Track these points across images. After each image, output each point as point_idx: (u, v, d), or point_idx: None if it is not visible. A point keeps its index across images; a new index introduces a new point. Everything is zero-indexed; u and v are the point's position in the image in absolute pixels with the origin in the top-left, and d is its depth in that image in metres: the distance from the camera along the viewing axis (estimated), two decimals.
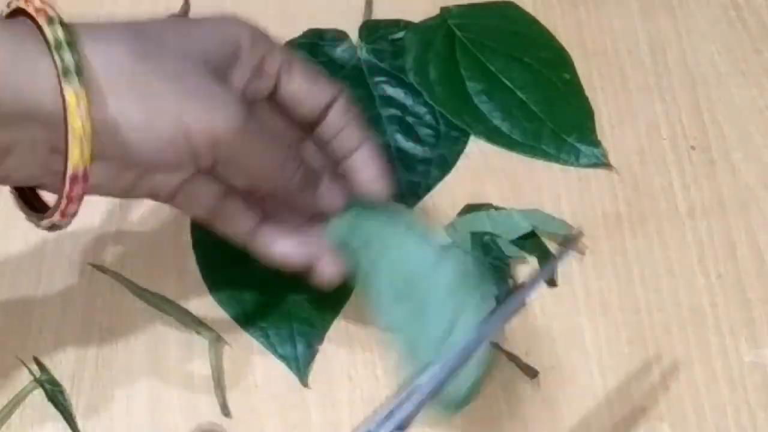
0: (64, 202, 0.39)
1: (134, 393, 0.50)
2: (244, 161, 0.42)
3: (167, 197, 0.44)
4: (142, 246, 0.55)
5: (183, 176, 0.43)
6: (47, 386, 0.49)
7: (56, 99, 0.37)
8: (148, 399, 0.50)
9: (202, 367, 0.51)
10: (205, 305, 0.53)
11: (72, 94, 0.36)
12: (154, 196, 0.44)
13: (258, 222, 0.46)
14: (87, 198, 0.57)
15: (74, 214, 0.40)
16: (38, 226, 0.42)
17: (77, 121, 0.36)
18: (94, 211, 0.56)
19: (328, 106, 0.46)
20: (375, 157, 0.48)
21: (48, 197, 0.43)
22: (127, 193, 0.43)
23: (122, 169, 0.41)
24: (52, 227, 0.41)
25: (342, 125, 0.47)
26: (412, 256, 0.44)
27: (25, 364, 0.50)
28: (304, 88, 0.45)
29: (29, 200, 0.43)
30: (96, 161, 0.38)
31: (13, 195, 0.43)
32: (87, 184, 0.39)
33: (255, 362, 0.51)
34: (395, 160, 0.59)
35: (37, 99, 0.36)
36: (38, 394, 0.49)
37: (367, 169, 0.47)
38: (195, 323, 0.51)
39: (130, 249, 0.55)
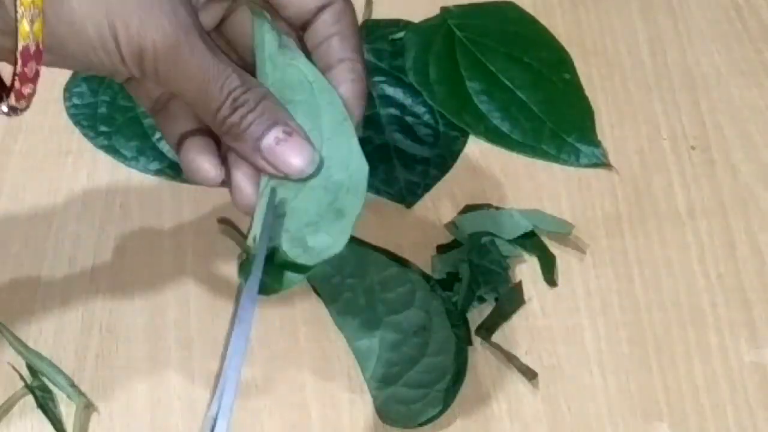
0: (18, 81, 0.36)
1: (134, 393, 0.50)
2: (167, 81, 0.38)
3: (120, 80, 0.42)
4: (142, 246, 0.55)
5: (124, 75, 0.40)
6: (38, 392, 0.49)
7: None
8: (148, 399, 0.50)
9: (202, 367, 0.51)
10: (204, 306, 0.53)
11: None
12: (112, 77, 0.41)
13: (191, 130, 0.42)
14: (86, 198, 0.57)
15: (32, 95, 0.37)
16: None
17: None
18: (93, 211, 0.56)
19: (320, 10, 0.40)
20: (356, 76, 0.41)
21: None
22: (87, 72, 0.40)
23: (66, 59, 0.38)
24: (11, 111, 0.38)
25: (329, 34, 0.41)
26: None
27: (16, 370, 0.50)
28: None
29: None
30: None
31: None
32: (41, 60, 0.36)
33: (255, 362, 0.51)
34: (394, 159, 0.59)
35: None
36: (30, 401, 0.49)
37: (343, 87, 0.41)
38: (69, 385, 0.49)
39: (130, 249, 0.55)
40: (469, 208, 0.57)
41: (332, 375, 0.50)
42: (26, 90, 0.37)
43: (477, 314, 0.52)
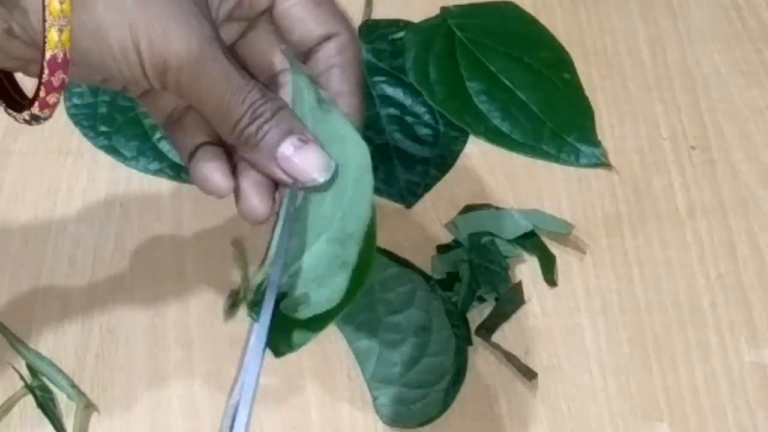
0: (43, 90, 0.36)
1: (134, 393, 0.50)
2: (189, 93, 0.38)
3: (135, 94, 0.43)
4: (142, 246, 0.55)
5: (141, 88, 0.41)
6: (38, 392, 0.49)
7: None
8: (148, 399, 0.50)
9: (202, 367, 0.51)
10: (204, 306, 0.53)
11: None
12: (126, 92, 0.43)
13: (203, 142, 0.42)
14: (86, 198, 0.57)
15: (56, 104, 0.38)
16: (17, 119, 0.39)
17: (55, 3, 0.34)
18: (93, 211, 0.56)
19: (325, 39, 0.41)
20: (353, 110, 0.41)
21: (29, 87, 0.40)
22: (102, 84, 0.42)
23: (85, 70, 0.38)
24: (33, 120, 0.38)
25: (330, 65, 0.41)
26: None
27: (16, 370, 0.49)
28: (301, 11, 0.41)
29: (6, 92, 0.40)
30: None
31: None
32: (68, 69, 0.36)
33: None
34: (394, 159, 0.59)
35: None
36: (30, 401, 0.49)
37: None
38: (69, 385, 0.49)
39: (130, 249, 0.55)
40: (469, 208, 0.57)
41: (332, 375, 0.51)
42: (51, 99, 0.37)
43: (477, 314, 0.52)
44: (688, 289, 0.54)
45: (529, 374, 0.50)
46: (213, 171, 0.41)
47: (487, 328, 0.52)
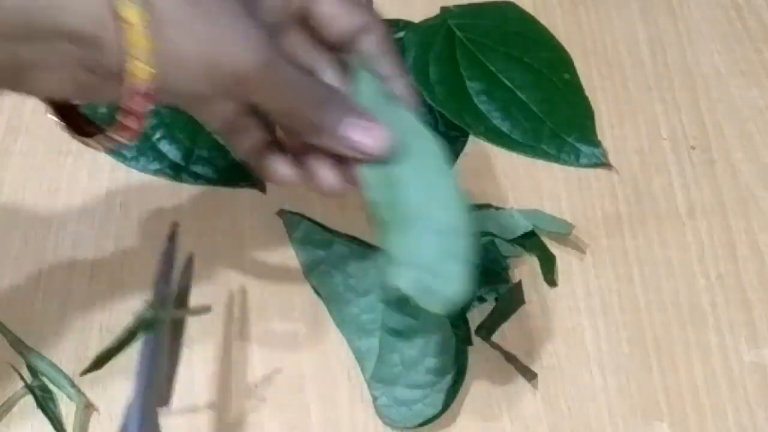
0: (133, 119, 0.39)
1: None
2: (265, 99, 0.41)
3: (189, 107, 0.46)
4: (142, 246, 0.55)
5: (215, 107, 0.45)
6: (38, 392, 0.49)
7: (100, 19, 0.36)
8: None
9: (202, 366, 0.51)
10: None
11: (135, 12, 0.36)
12: (181, 108, 0.46)
13: (260, 140, 0.46)
14: (86, 197, 0.57)
15: (141, 131, 0.40)
16: (97, 148, 0.43)
17: (141, 40, 0.37)
18: (93, 211, 0.56)
19: (360, 32, 0.45)
20: (410, 89, 0.46)
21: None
22: (168, 103, 0.45)
23: (164, 92, 0.40)
24: (119, 146, 0.42)
25: (374, 54, 0.45)
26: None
27: (16, 370, 0.49)
28: (335, 9, 0.45)
29: (75, 122, 0.44)
30: None
31: (55, 117, 0.44)
32: (151, 99, 0.38)
33: (255, 363, 0.51)
34: None
35: (79, 18, 0.36)
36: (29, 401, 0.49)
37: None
38: (69, 385, 0.50)
39: (130, 249, 0.55)
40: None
41: (332, 375, 0.51)
42: (136, 125, 0.40)
43: (477, 314, 0.52)
44: (688, 289, 0.54)
45: (529, 374, 0.50)
46: (281, 164, 0.45)
47: (487, 328, 0.52)
